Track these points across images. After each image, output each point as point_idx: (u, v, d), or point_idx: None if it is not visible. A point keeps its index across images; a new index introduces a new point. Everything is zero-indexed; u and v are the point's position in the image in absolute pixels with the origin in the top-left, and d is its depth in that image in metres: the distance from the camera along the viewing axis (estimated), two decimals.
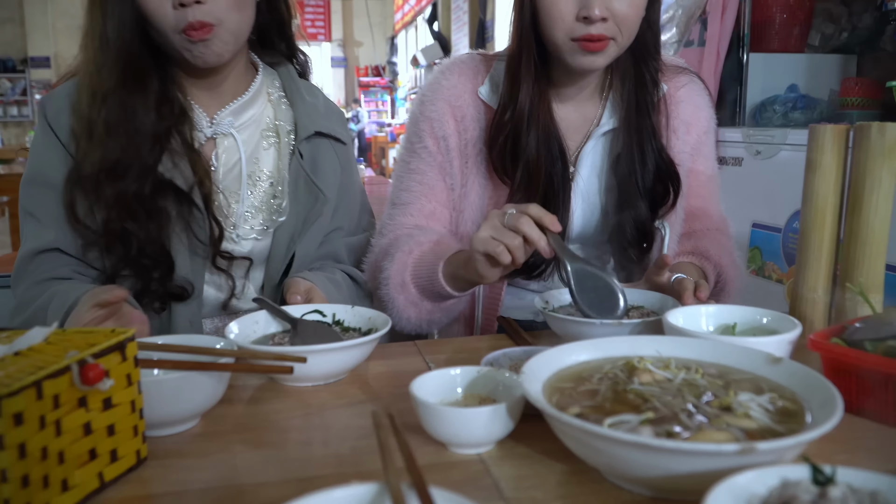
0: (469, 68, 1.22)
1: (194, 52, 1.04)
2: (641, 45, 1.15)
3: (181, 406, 0.72)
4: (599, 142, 1.21)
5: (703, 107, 1.27)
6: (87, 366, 0.57)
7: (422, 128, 1.22)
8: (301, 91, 1.22)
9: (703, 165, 1.29)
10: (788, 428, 0.58)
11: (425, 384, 0.72)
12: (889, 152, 0.93)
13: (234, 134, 1.15)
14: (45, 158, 1.07)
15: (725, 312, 0.92)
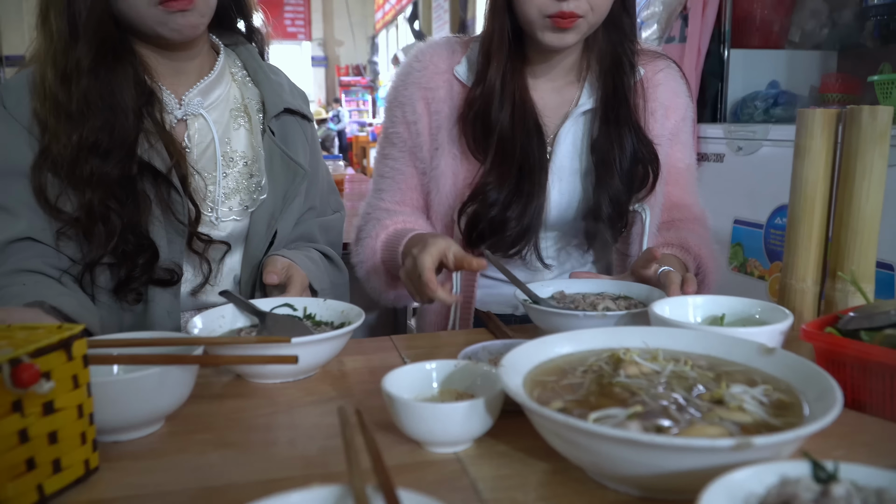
0: (444, 49, 1.22)
1: (171, 25, 1.00)
2: (617, 27, 1.16)
3: (144, 408, 0.66)
4: (578, 121, 1.20)
5: (680, 93, 1.26)
6: (21, 366, 0.52)
7: (395, 114, 1.23)
8: (265, 70, 1.20)
9: (682, 153, 1.27)
10: (785, 421, 0.55)
11: (399, 379, 0.67)
12: (880, 136, 0.90)
13: (204, 114, 1.11)
14: (10, 147, 1.01)
15: (713, 303, 0.88)
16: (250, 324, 0.92)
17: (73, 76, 0.98)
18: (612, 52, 1.17)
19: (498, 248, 1.14)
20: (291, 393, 0.79)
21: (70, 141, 0.97)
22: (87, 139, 0.97)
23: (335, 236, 1.28)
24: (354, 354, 0.92)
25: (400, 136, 1.22)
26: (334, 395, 0.79)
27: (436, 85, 1.19)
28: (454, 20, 10.19)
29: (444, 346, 0.97)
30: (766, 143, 2.90)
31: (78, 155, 0.97)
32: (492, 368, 0.68)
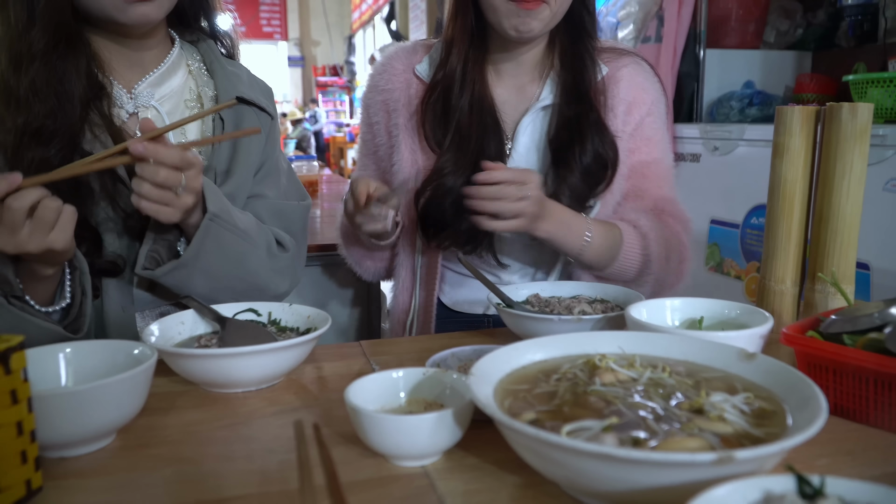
0: (405, 51, 1.26)
1: (128, 12, 0.96)
2: (578, 24, 1.18)
3: (92, 422, 0.62)
4: (538, 116, 1.20)
5: (647, 89, 1.23)
6: None
7: (362, 118, 1.32)
8: (222, 62, 1.16)
9: (647, 147, 1.23)
10: (768, 432, 0.52)
11: (363, 389, 0.64)
12: (860, 134, 0.88)
13: (155, 106, 1.07)
14: None
15: (691, 305, 0.86)
16: (211, 330, 0.88)
17: (25, 61, 0.94)
18: (573, 49, 1.19)
19: (454, 243, 1.15)
20: (253, 403, 0.76)
21: (15, 125, 0.93)
22: (31, 125, 0.93)
23: (293, 224, 1.19)
24: (321, 361, 0.88)
25: (364, 137, 1.31)
26: (298, 406, 0.75)
27: (393, 86, 1.23)
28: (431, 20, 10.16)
29: (415, 350, 0.93)
30: (741, 143, 2.91)
31: (21, 140, 0.93)
32: (461, 377, 0.64)
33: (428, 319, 1.23)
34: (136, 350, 0.70)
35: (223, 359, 0.73)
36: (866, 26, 3.14)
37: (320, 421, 0.70)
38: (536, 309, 0.94)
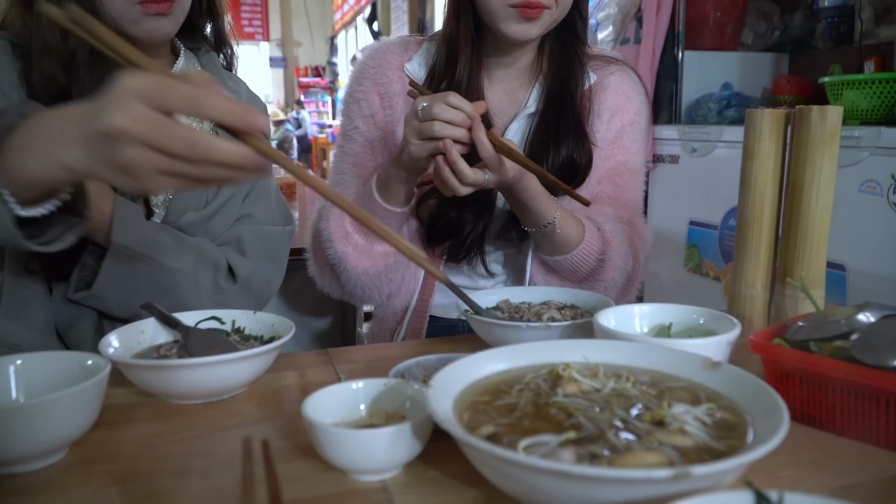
0: (396, 47, 1.22)
1: (144, 26, 0.97)
2: (570, 30, 1.17)
3: (42, 438, 0.60)
4: (523, 123, 1.19)
5: (632, 97, 1.23)
6: None
7: (352, 110, 1.22)
8: (223, 77, 1.17)
9: (623, 155, 1.23)
10: (728, 444, 0.51)
11: (322, 401, 0.62)
12: (830, 137, 0.88)
13: None
14: None
15: (660, 312, 0.85)
16: (172, 339, 0.86)
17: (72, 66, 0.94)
18: (563, 53, 1.18)
19: (453, 252, 1.16)
20: (213, 415, 0.74)
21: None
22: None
23: (276, 250, 1.18)
24: (286, 370, 0.86)
25: (358, 130, 1.21)
26: (259, 417, 0.73)
27: (388, 80, 1.18)
28: (413, 21, 10.17)
29: (382, 359, 0.91)
30: (720, 145, 2.92)
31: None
32: (422, 388, 0.63)
33: (420, 325, 1.21)
34: (89, 361, 0.68)
35: (181, 369, 0.72)
36: (842, 28, 3.17)
37: (280, 434, 0.69)
38: (506, 315, 0.93)
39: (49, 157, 0.63)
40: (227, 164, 0.56)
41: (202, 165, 0.56)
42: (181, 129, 0.55)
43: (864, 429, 0.65)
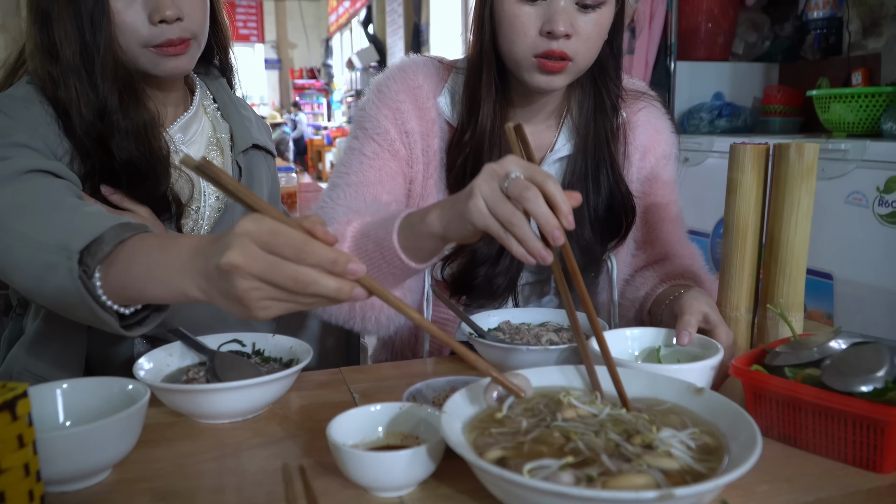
0: (431, 73, 1.15)
1: (163, 67, 1.04)
2: (602, 69, 1.11)
3: (91, 460, 0.67)
4: (553, 168, 1.16)
5: (662, 130, 1.23)
6: None
7: (383, 114, 1.11)
8: (235, 104, 1.24)
9: (661, 190, 1.22)
10: (709, 467, 0.58)
11: (344, 424, 0.69)
12: (807, 172, 0.94)
13: (184, 150, 1.14)
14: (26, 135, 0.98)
15: (650, 335, 0.92)
16: (198, 361, 0.93)
17: (105, 113, 1.01)
18: (595, 95, 1.13)
19: (483, 298, 1.12)
20: (239, 434, 0.80)
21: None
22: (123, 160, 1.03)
23: None
24: (303, 390, 0.93)
25: (390, 138, 1.10)
26: (282, 436, 0.80)
27: (429, 107, 1.12)
28: (408, 25, 10.21)
29: (393, 377, 0.98)
30: (711, 155, 2.98)
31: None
32: (434, 411, 0.70)
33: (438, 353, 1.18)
34: (129, 386, 0.75)
35: (211, 393, 0.78)
36: (831, 39, 3.23)
37: (304, 452, 0.75)
38: (507, 336, 0.99)
39: (172, 286, 0.70)
40: (327, 296, 0.62)
41: (306, 297, 0.62)
42: (289, 267, 0.61)
43: (833, 447, 0.71)
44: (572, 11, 0.99)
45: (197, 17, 1.05)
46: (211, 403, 0.79)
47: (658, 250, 1.22)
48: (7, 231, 0.83)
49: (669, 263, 1.19)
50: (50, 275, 0.77)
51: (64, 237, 0.77)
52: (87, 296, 0.75)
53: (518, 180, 0.73)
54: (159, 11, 0.99)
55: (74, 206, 0.83)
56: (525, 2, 0.99)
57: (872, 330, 2.21)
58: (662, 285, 1.12)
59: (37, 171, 0.91)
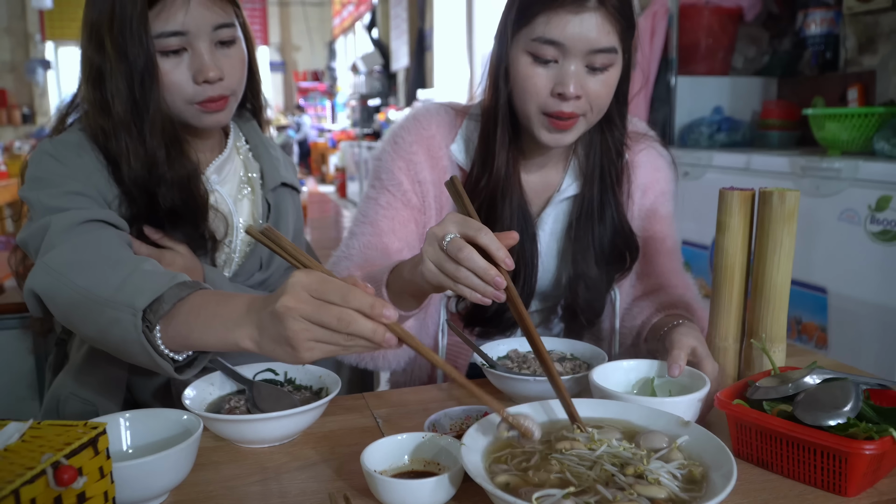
0: (444, 122, 1.24)
1: (205, 121, 1.15)
2: (609, 118, 1.18)
3: (154, 486, 0.77)
4: (559, 207, 1.25)
5: (661, 168, 1.31)
6: (62, 468, 0.62)
7: (397, 165, 1.22)
8: (265, 145, 1.34)
9: (659, 225, 1.31)
10: (692, 496, 0.67)
11: (374, 453, 0.79)
12: (788, 217, 1.04)
13: (218, 190, 1.25)
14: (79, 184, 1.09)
15: (644, 366, 1.01)
16: (236, 389, 1.02)
17: (151, 163, 1.11)
18: (602, 141, 1.21)
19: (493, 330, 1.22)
20: (278, 458, 0.90)
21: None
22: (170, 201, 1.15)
23: None
24: (331, 415, 1.02)
25: (403, 188, 1.21)
26: (317, 459, 0.90)
27: (442, 156, 1.22)
28: (412, 30, 10.31)
29: (412, 403, 1.08)
30: (710, 170, 3.06)
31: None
32: (454, 441, 0.79)
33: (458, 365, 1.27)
34: (184, 417, 0.85)
35: (255, 423, 0.88)
36: (828, 55, 3.29)
37: (337, 475, 0.85)
38: (514, 365, 1.09)
39: (226, 338, 0.81)
40: (364, 336, 0.72)
41: (348, 337, 0.73)
42: (335, 309, 0.72)
43: (804, 473, 0.81)
44: (582, 74, 1.07)
45: (236, 76, 1.16)
46: (254, 431, 0.89)
47: (654, 281, 1.31)
48: (71, 286, 0.93)
49: (664, 294, 1.28)
50: (114, 328, 0.88)
51: (128, 296, 0.88)
52: (149, 347, 0.86)
53: (453, 241, 0.82)
54: (203, 73, 1.09)
55: (133, 264, 0.94)
56: (538, 64, 1.08)
57: (863, 342, 2.31)
58: (658, 315, 1.22)
59: (93, 222, 1.02)
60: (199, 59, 1.10)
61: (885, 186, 2.23)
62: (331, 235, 3.50)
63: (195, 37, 1.10)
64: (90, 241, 0.99)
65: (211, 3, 1.10)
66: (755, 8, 3.56)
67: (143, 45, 1.06)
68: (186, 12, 1.08)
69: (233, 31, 1.14)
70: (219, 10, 1.11)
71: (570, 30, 1.05)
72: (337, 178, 12.75)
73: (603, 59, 1.07)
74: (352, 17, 14.06)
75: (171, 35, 1.08)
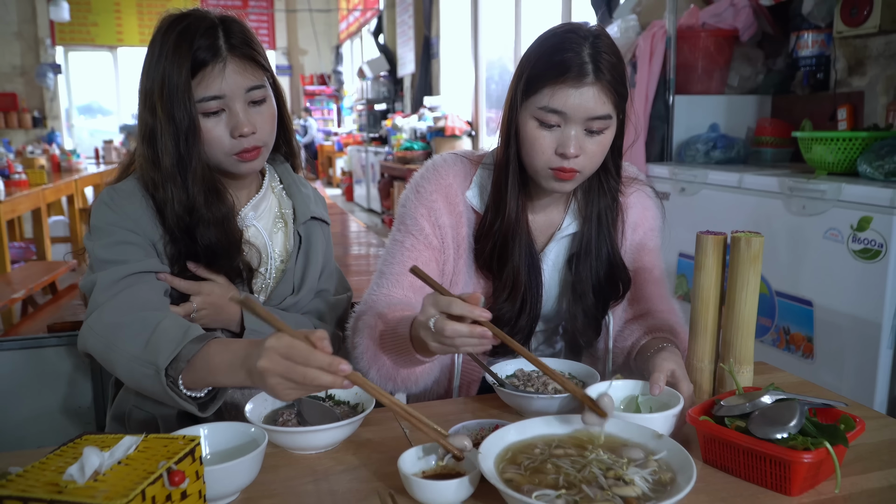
0: (460, 171, 1.42)
1: (241, 168, 1.34)
2: (605, 167, 1.36)
3: (232, 485, 0.96)
4: (561, 243, 1.43)
5: (650, 207, 1.49)
6: (173, 472, 0.81)
7: (420, 212, 1.39)
8: (297, 184, 1.53)
9: (647, 257, 1.49)
10: (659, 495, 0.86)
11: (408, 458, 0.98)
12: (754, 259, 1.22)
13: (255, 225, 1.45)
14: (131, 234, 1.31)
15: (630, 386, 1.20)
16: (285, 405, 1.21)
17: (192, 209, 1.31)
18: (599, 187, 1.39)
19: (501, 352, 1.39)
20: (325, 462, 1.09)
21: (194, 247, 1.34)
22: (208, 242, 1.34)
23: (342, 313, 1.59)
24: (365, 426, 1.21)
25: (425, 232, 1.38)
26: (358, 464, 1.08)
27: (458, 202, 1.40)
28: (418, 37, 10.46)
29: (435, 416, 1.25)
30: (705, 187, 3.20)
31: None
32: (472, 450, 0.98)
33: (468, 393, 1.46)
34: (251, 429, 1.04)
35: (308, 434, 1.08)
36: (819, 76, 3.43)
37: (376, 477, 1.04)
38: (521, 383, 1.28)
39: (235, 377, 1.06)
40: (326, 387, 0.96)
41: (312, 386, 0.97)
42: (300, 369, 0.94)
43: (757, 476, 1.00)
44: (581, 136, 1.25)
45: (266, 129, 1.33)
46: (306, 440, 1.08)
47: (643, 306, 1.50)
48: (108, 342, 1.18)
49: (651, 318, 1.46)
50: (143, 379, 1.13)
51: (152, 355, 1.12)
52: (173, 395, 1.11)
53: (436, 322, 1.06)
54: (238, 129, 1.29)
55: (156, 321, 1.16)
56: (543, 128, 1.26)
57: (846, 351, 2.48)
58: (645, 337, 1.40)
59: (131, 276, 1.26)
60: (235, 118, 1.29)
61: (866, 208, 2.39)
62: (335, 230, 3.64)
63: (231, 99, 1.28)
64: (125, 300, 1.22)
65: (243, 70, 1.29)
66: (750, 29, 3.70)
67: (187, 109, 1.26)
68: (223, 79, 1.27)
69: (263, 92, 1.32)
70: (250, 75, 1.30)
71: (571, 101, 1.23)
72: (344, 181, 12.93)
73: (599, 125, 1.25)
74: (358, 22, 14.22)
75: (211, 99, 1.27)
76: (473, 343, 1.06)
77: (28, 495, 0.75)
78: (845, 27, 3.11)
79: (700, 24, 3.70)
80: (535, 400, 1.18)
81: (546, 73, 1.24)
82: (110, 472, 0.80)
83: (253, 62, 1.31)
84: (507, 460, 0.95)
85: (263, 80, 1.33)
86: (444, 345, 1.08)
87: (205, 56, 1.26)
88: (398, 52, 11.78)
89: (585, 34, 1.25)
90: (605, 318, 1.45)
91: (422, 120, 9.07)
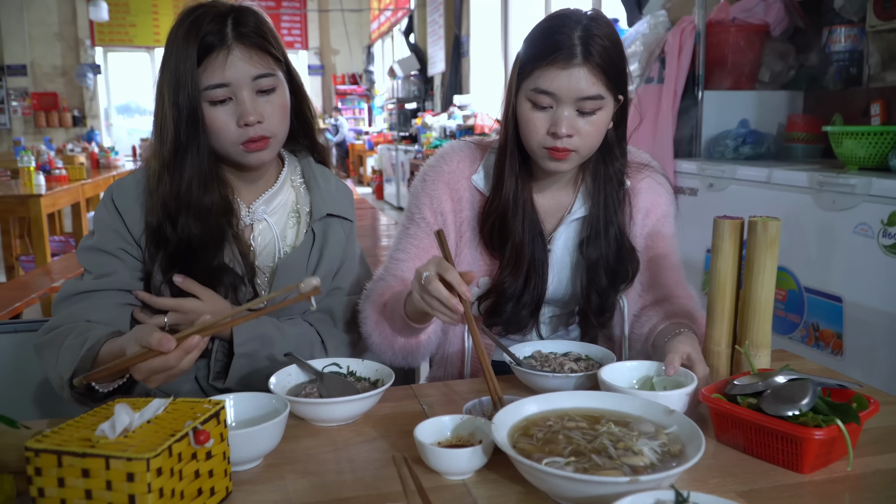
0: (466, 156, 1.48)
1: (249, 159, 1.33)
2: (609, 150, 1.42)
3: (255, 450, 1.00)
4: (571, 226, 1.47)
5: (661, 194, 1.51)
6: (199, 431, 0.85)
7: (422, 202, 1.46)
8: (318, 178, 1.49)
9: (662, 244, 1.50)
10: (667, 465, 0.88)
11: (425, 428, 1.01)
12: (771, 243, 1.23)
13: (266, 219, 1.43)
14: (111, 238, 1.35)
15: (646, 367, 1.22)
16: (308, 379, 1.25)
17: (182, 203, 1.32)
18: (605, 172, 1.42)
19: (511, 327, 1.45)
20: (345, 434, 1.12)
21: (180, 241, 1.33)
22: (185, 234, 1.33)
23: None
24: (385, 401, 1.24)
25: (426, 220, 1.45)
26: (376, 436, 1.12)
27: (461, 187, 1.45)
28: (448, 36, 10.51)
29: (452, 392, 1.29)
30: (734, 182, 3.17)
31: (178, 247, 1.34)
32: (486, 421, 1.01)
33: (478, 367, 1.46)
34: (273, 400, 1.08)
35: (329, 405, 1.11)
36: (852, 70, 3.38)
37: (394, 447, 1.07)
38: (538, 364, 1.30)
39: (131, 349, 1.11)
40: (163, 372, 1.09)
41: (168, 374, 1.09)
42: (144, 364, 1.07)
43: (768, 453, 1.01)
44: (573, 117, 1.29)
45: (276, 119, 1.31)
46: (328, 412, 1.11)
47: (660, 292, 1.51)
48: (42, 357, 1.28)
49: (669, 304, 1.48)
50: (63, 391, 1.22)
51: (62, 368, 1.21)
52: (84, 399, 1.21)
53: (428, 277, 1.13)
54: (244, 117, 1.28)
55: (67, 344, 1.22)
56: (536, 109, 1.31)
57: (876, 348, 2.45)
58: (664, 322, 1.42)
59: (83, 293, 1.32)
60: (241, 106, 1.28)
61: None
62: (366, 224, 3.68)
63: (237, 87, 1.27)
64: (65, 317, 1.29)
65: (249, 57, 1.27)
66: (782, 24, 3.66)
67: (190, 96, 1.27)
68: (227, 66, 1.26)
69: (272, 81, 1.30)
70: (258, 63, 1.28)
71: (560, 82, 1.27)
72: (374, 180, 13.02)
73: (591, 105, 1.28)
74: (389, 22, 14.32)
75: (217, 87, 1.27)
76: (444, 311, 1.13)
77: (62, 449, 0.80)
78: (878, 21, 3.07)
79: (730, 19, 3.67)
80: (551, 379, 1.20)
81: (537, 55, 1.29)
82: (139, 429, 0.84)
83: (262, 51, 1.29)
84: (520, 431, 0.98)
85: (274, 69, 1.31)
86: (422, 299, 1.15)
87: (211, 41, 1.25)
88: (428, 51, 11.84)
89: (579, 18, 1.29)
90: (618, 301, 1.47)
91: (451, 118, 9.13)
